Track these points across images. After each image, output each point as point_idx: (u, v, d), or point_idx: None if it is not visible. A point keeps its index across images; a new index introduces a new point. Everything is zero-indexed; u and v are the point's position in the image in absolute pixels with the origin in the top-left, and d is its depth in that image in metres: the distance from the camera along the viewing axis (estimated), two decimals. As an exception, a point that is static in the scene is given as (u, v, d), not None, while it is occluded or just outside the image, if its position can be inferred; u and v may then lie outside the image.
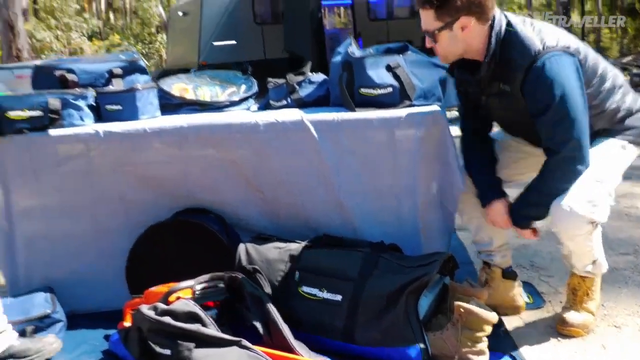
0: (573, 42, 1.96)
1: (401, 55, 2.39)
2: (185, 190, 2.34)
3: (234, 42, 10.03)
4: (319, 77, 2.57)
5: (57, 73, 2.54)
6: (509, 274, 2.27)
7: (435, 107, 2.29)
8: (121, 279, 2.29)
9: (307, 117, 2.24)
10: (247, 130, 2.25)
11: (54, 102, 2.26)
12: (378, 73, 2.30)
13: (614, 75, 2.07)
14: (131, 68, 2.69)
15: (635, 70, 16.20)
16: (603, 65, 2.04)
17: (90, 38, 17.77)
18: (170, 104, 2.59)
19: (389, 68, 2.33)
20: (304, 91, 2.52)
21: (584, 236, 1.95)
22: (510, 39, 1.93)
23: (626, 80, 2.12)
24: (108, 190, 2.31)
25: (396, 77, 2.32)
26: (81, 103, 2.34)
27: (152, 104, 2.48)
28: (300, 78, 2.53)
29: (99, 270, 2.35)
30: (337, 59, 2.42)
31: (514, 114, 2.07)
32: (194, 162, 2.29)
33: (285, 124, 2.24)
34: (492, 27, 1.94)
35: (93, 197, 2.31)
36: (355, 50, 2.41)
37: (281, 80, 2.56)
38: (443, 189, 2.28)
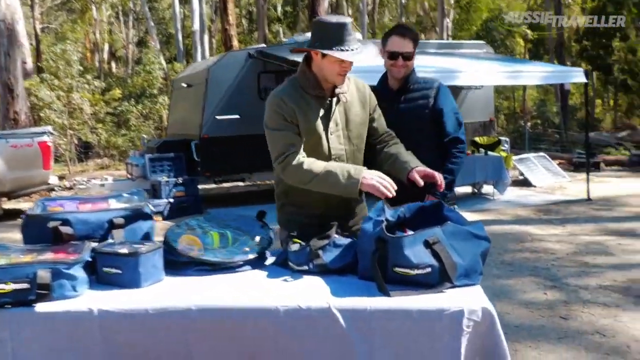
0: None
1: (440, 227, 2.13)
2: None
3: (237, 116, 9.88)
4: (345, 240, 2.29)
5: (51, 225, 2.28)
6: None
7: (481, 294, 2.01)
8: None
9: (335, 303, 1.95)
10: (265, 316, 1.95)
11: (44, 275, 1.95)
12: (415, 252, 2.03)
13: None
14: (134, 215, 2.42)
15: (634, 151, 16.22)
16: None
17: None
18: (176, 262, 2.30)
19: (427, 244, 2.06)
20: (328, 256, 2.23)
21: None
22: None
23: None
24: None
25: (435, 254, 2.05)
26: (75, 271, 2.04)
27: (155, 267, 2.19)
28: (325, 242, 2.25)
29: None
30: (369, 227, 2.15)
31: None
32: (202, 350, 1.97)
33: (310, 311, 1.94)
34: None
35: (82, 381, 1.99)
36: (389, 216, 2.15)
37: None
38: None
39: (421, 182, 2.57)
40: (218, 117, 9.80)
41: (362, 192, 2.49)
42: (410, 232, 2.14)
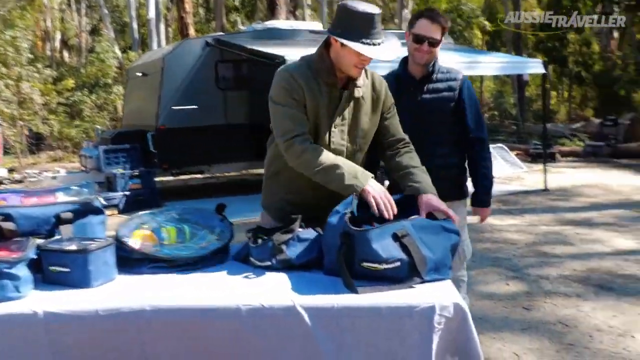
0: None
1: (408, 221, 2.04)
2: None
3: (194, 106, 9.66)
4: (310, 233, 2.18)
5: (-8, 220, 2.10)
6: None
7: (452, 288, 1.93)
8: None
9: (300, 300, 1.84)
10: (226, 316, 1.82)
11: (-18, 276, 1.80)
12: (384, 246, 1.94)
13: None
14: (83, 209, 2.27)
15: (588, 142, 16.57)
16: None
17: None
18: (129, 259, 2.16)
19: (395, 237, 1.97)
20: (292, 251, 2.13)
21: None
22: None
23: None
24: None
25: (404, 248, 1.96)
26: (18, 271, 1.88)
27: (107, 264, 2.04)
28: (288, 236, 2.14)
29: None
30: (334, 220, 2.04)
31: None
32: (158, 353, 1.84)
33: (274, 310, 1.83)
34: None
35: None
36: (356, 210, 2.06)
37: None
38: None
39: (423, 215, 2.28)
40: (175, 107, 9.56)
41: None
42: (377, 226, 2.04)
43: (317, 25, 11.70)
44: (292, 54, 8.43)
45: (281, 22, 11.62)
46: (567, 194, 9.88)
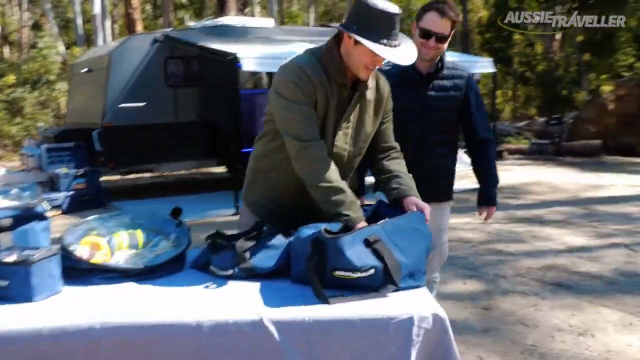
0: None
1: (379, 225, 1.92)
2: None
3: (142, 104, 9.36)
4: (275, 240, 2.03)
5: None
6: None
7: (429, 297, 1.83)
8: None
9: (268, 313, 1.69)
10: (186, 333, 1.66)
11: None
12: (357, 252, 1.81)
13: None
14: (25, 215, 2.06)
15: (534, 140, 16.92)
16: None
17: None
18: (77, 269, 1.97)
19: (367, 243, 1.85)
20: (257, 260, 1.97)
21: None
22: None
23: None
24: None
25: (377, 254, 1.84)
26: (-51, 286, 1.68)
27: (52, 277, 1.85)
28: (252, 242, 1.99)
29: None
30: (308, 231, 1.91)
31: None
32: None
33: (239, 325, 1.68)
34: None
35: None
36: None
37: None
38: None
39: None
40: (122, 105, 9.23)
41: None
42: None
43: (269, 22, 11.52)
44: (246, 51, 8.26)
45: (232, 19, 11.39)
46: (516, 191, 10.00)
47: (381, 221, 1.97)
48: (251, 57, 8.02)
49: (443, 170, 3.10)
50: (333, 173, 2.11)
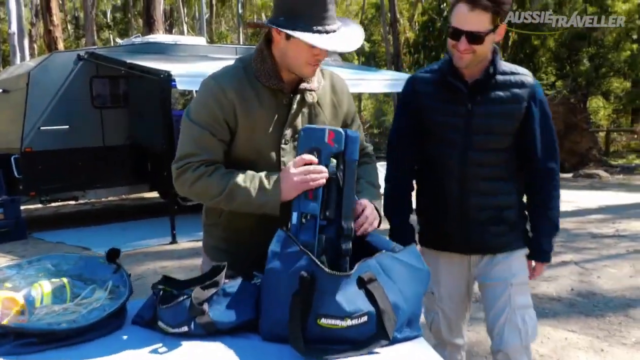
0: None
1: (374, 258, 1.57)
2: None
3: (66, 126, 8.73)
4: (240, 285, 1.65)
5: None
6: None
7: (429, 350, 1.50)
8: None
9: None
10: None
11: None
12: (348, 295, 1.47)
13: None
14: None
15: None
16: None
17: None
18: (-16, 334, 1.53)
19: (361, 283, 1.50)
20: (217, 311, 1.58)
21: None
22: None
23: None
24: None
25: (370, 296, 1.49)
26: None
27: (-52, 348, 1.41)
28: (212, 291, 1.60)
29: None
30: (277, 265, 1.53)
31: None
32: None
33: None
34: None
35: None
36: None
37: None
38: None
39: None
40: (43, 128, 8.57)
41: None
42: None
43: (201, 40, 11.11)
44: (179, 69, 7.81)
45: (163, 36, 10.92)
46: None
47: (377, 254, 1.61)
48: (185, 75, 7.58)
49: (507, 212, 2.29)
50: (228, 176, 1.79)
